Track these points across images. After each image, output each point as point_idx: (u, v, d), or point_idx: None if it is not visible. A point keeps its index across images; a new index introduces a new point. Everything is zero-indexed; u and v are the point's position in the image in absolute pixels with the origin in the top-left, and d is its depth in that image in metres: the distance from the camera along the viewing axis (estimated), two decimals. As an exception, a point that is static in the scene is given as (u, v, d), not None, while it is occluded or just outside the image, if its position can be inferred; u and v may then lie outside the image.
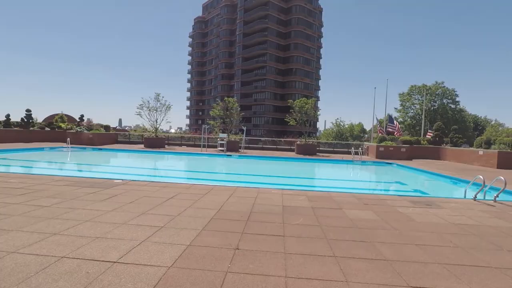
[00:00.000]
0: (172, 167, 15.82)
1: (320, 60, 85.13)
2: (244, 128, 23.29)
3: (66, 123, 27.79)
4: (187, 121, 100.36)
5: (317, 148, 23.68)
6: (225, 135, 22.75)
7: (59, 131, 25.48)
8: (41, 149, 18.59)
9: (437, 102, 58.61)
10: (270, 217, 5.02)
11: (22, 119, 25.52)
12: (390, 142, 21.50)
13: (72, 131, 23.86)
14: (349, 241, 4.02)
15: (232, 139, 23.41)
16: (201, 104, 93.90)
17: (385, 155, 20.05)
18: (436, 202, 6.80)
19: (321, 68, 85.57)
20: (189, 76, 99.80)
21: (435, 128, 24.28)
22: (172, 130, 78.54)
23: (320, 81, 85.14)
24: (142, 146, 23.46)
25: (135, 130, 36.66)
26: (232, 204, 5.82)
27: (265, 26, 68.87)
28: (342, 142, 41.36)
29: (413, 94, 58.69)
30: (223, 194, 6.68)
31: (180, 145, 26.67)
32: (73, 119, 32.86)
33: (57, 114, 30.53)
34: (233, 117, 24.84)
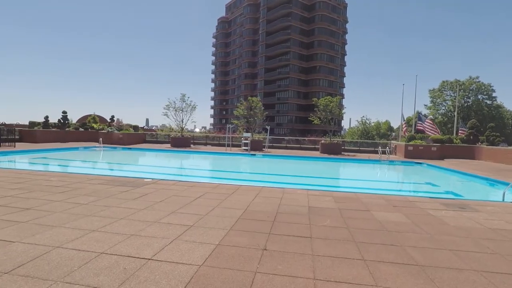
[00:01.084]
0: (198, 166, 16.19)
1: (345, 57, 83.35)
2: (268, 128, 23.32)
3: (98, 124, 29.20)
4: (211, 120, 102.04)
5: (342, 147, 23.24)
6: (249, 135, 22.92)
7: (91, 131, 26.82)
8: (76, 148, 19.68)
9: (471, 98, 55.48)
10: (297, 218, 5.03)
11: (59, 120, 27.12)
12: (419, 140, 20.66)
13: (103, 131, 25.03)
14: (378, 244, 3.95)
15: (256, 138, 23.53)
16: (224, 103, 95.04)
17: (415, 154, 19.30)
18: (471, 205, 6.49)
19: (345, 65, 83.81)
20: (213, 76, 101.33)
21: (469, 126, 23.03)
22: (197, 130, 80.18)
23: (344, 78, 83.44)
24: (169, 145, 24.15)
25: (161, 130, 37.82)
26: (258, 204, 5.89)
27: (288, 24, 68.42)
28: (368, 141, 40.28)
29: (445, 90, 55.94)
30: (249, 194, 6.76)
31: (205, 144, 27.18)
32: (104, 119, 34.47)
33: (90, 115, 32.16)
34: (256, 116, 24.95)
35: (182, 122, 24.51)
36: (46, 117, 25.93)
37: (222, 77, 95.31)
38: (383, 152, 19.28)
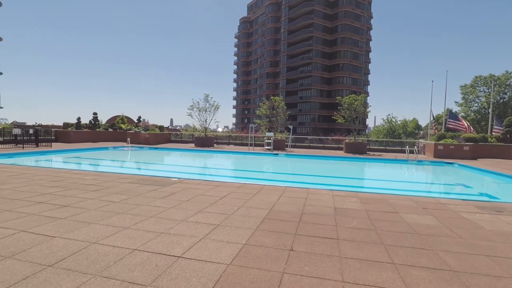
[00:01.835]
0: (222, 166, 16.40)
1: (370, 53, 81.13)
2: (291, 127, 23.20)
3: (126, 124, 30.34)
4: (233, 120, 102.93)
5: (367, 147, 22.66)
6: (271, 134, 22.91)
7: (120, 131, 27.90)
8: (106, 148, 20.58)
9: (508, 93, 52.09)
10: (322, 219, 4.99)
11: (90, 121, 28.48)
12: (450, 139, 19.72)
13: (131, 131, 25.99)
14: (408, 247, 3.84)
15: (279, 137, 23.48)
16: (246, 103, 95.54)
17: (445, 154, 18.44)
18: (509, 209, 6.14)
19: (370, 62, 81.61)
20: (235, 76, 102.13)
21: (506, 124, 21.66)
22: (220, 129, 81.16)
23: (369, 75, 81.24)
24: (193, 145, 24.65)
25: (186, 130, 38.67)
26: (282, 204, 5.89)
27: (310, 22, 67.58)
28: (395, 140, 38.99)
29: (478, 86, 52.88)
30: (273, 194, 6.78)
31: (228, 144, 27.49)
32: (131, 120, 35.74)
33: (118, 116, 33.47)
34: (279, 115, 24.89)
35: (206, 122, 24.93)
36: (79, 118, 27.29)
37: (244, 77, 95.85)
38: (411, 152, 18.59)
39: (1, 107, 28.14)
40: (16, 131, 18.83)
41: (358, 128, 22.63)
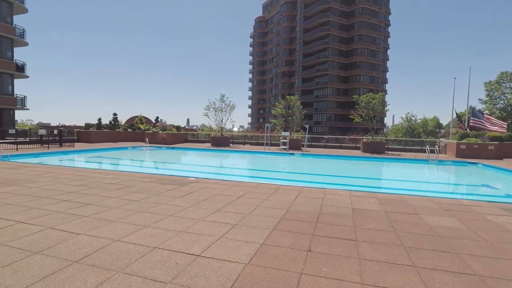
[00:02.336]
0: (238, 165, 16.50)
1: (388, 50, 79.32)
2: (307, 126, 23.03)
3: (144, 125, 31.06)
4: (249, 119, 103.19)
5: (386, 146, 22.18)
6: (287, 134, 22.83)
7: (138, 132, 28.60)
8: (126, 148, 21.14)
9: (537, 90, 49.53)
10: (340, 219, 4.94)
11: (110, 121, 29.34)
12: (474, 138, 18.99)
13: (149, 131, 26.57)
14: (429, 250, 3.74)
15: (295, 137, 23.37)
16: (262, 102, 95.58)
17: (468, 153, 17.77)
18: (538, 211, 5.85)
19: (388, 60, 79.77)
20: (250, 75, 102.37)
21: (534, 122, 20.61)
22: (235, 129, 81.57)
23: (387, 73, 79.42)
24: (209, 144, 24.93)
25: (202, 130, 39.14)
26: (299, 204, 5.87)
27: (326, 20, 66.76)
28: (414, 139, 37.94)
29: (504, 82, 50.57)
30: (289, 194, 6.77)
31: (244, 143, 27.60)
32: (149, 120, 36.53)
33: (137, 116, 34.29)
34: (295, 115, 24.76)
35: (222, 122, 25.13)
36: (99, 119, 28.17)
37: (259, 76, 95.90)
38: (432, 151, 18.05)
39: (28, 109, 29.42)
40: (42, 131, 19.65)
41: (375, 127, 22.20)
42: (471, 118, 22.46)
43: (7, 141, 17.90)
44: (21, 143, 17.86)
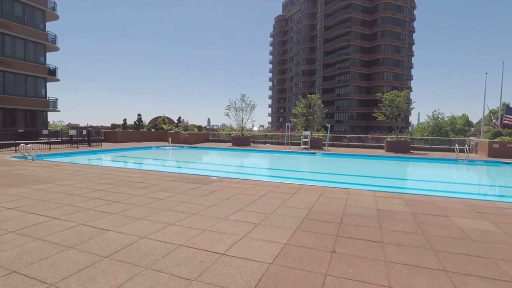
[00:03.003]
0: (259, 165, 16.53)
1: (413, 46, 76.50)
2: (328, 125, 22.68)
3: (167, 125, 31.82)
4: (269, 119, 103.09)
5: (411, 145, 21.42)
6: (308, 133, 22.60)
7: (161, 132, 29.33)
8: (150, 147, 21.76)
9: None
10: (365, 220, 4.83)
11: (134, 122, 30.29)
12: (508, 137, 17.93)
13: (172, 131, 27.19)
14: (461, 254, 3.57)
15: (316, 136, 23.10)
16: (282, 101, 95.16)
17: (501, 153, 16.80)
18: None
19: (413, 56, 76.91)
20: (270, 75, 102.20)
21: None
22: (255, 128, 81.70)
23: (412, 70, 76.63)
24: (230, 144, 25.14)
25: (223, 129, 39.54)
26: (322, 205, 5.80)
27: (348, 17, 65.36)
28: (442, 137, 36.38)
29: (541, 77, 47.36)
30: (312, 194, 6.70)
31: (264, 143, 27.61)
32: (172, 120, 37.38)
33: (160, 117, 35.18)
34: (316, 114, 24.46)
35: (242, 121, 25.27)
36: (125, 120, 29.17)
37: (279, 76, 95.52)
38: (461, 151, 17.24)
39: (59, 111, 30.96)
40: (72, 132, 20.63)
41: (400, 125, 21.48)
42: (505, 115, 21.22)
43: (41, 141, 18.93)
44: (53, 143, 18.83)
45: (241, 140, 24.51)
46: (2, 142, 17.28)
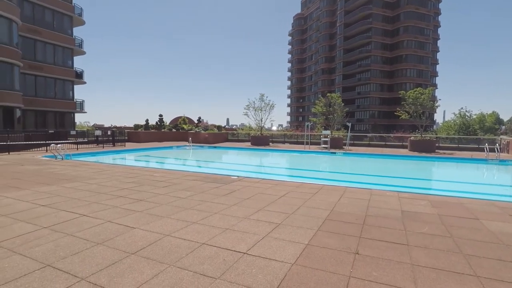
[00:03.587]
0: (279, 164, 16.49)
1: (438, 41, 73.57)
2: (349, 124, 22.25)
3: (187, 125, 32.40)
4: (288, 118, 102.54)
5: (436, 144, 20.63)
6: (328, 132, 22.30)
7: (182, 131, 29.89)
8: (171, 147, 22.24)
9: None
10: (388, 222, 4.70)
11: (156, 122, 31.05)
12: (543, 136, 16.87)
13: (192, 131, 27.65)
14: (493, 259, 3.41)
15: (336, 135, 22.75)
16: (301, 101, 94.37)
17: (536, 152, 15.84)
18: None
19: (439, 51, 73.97)
20: (289, 74, 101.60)
21: None
22: (274, 128, 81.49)
23: (437, 66, 73.74)
24: (249, 144, 25.24)
25: (242, 129, 39.74)
26: (344, 205, 5.71)
27: (368, 13, 63.78)
28: (469, 136, 34.77)
29: None
30: (333, 194, 6.61)
31: (283, 142, 27.51)
32: (192, 120, 37.99)
33: (180, 117, 35.88)
34: (336, 113, 24.07)
35: (261, 121, 25.29)
36: (147, 120, 29.97)
37: (298, 75, 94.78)
38: (491, 150, 16.41)
39: (85, 112, 32.27)
40: (98, 132, 21.45)
41: (424, 124, 20.73)
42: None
43: (69, 141, 19.81)
44: (80, 143, 19.66)
45: (260, 139, 24.54)
46: (35, 142, 18.23)
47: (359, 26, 65.48)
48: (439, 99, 27.67)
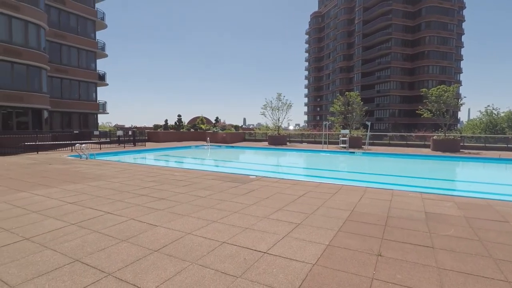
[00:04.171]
0: (297, 164, 16.40)
1: (462, 36, 70.71)
2: (369, 124, 21.78)
3: (205, 125, 32.79)
4: (305, 117, 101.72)
5: (461, 144, 19.84)
6: (347, 131, 21.93)
7: (200, 131, 30.28)
8: (189, 147, 22.58)
9: None
10: (412, 224, 4.58)
11: (175, 122, 31.62)
12: None
13: (210, 131, 27.95)
14: (526, 264, 3.25)
15: (355, 135, 22.35)
16: (319, 99, 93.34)
17: None
18: None
19: (463, 47, 71.09)
20: (306, 73, 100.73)
21: None
22: (291, 127, 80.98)
23: (462, 62, 70.87)
24: (266, 143, 25.22)
25: (259, 129, 39.79)
26: (365, 206, 5.60)
27: (388, 9, 62.16)
28: (497, 135, 33.21)
29: None
30: (353, 195, 6.50)
31: (301, 142, 27.31)
32: (209, 121, 38.41)
33: (198, 117, 36.36)
34: (355, 111, 23.63)
35: (279, 120, 25.22)
36: (166, 121, 30.56)
37: (315, 73, 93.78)
38: (521, 150, 15.59)
39: (107, 113, 33.32)
40: (119, 133, 22.11)
41: (448, 122, 19.98)
42: None
43: (93, 141, 20.53)
44: (103, 143, 20.32)
45: (278, 139, 24.47)
46: (61, 142, 19.03)
47: (378, 23, 63.95)
48: (464, 97, 26.71)
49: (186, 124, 34.60)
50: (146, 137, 25.83)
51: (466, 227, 4.45)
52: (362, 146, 21.35)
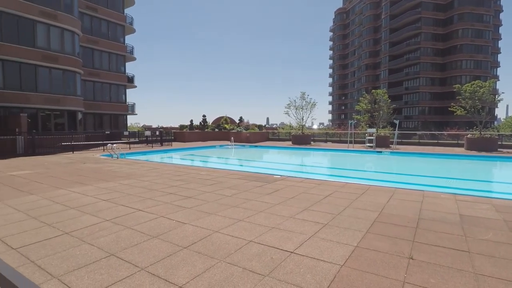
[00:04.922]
0: (322, 164, 16.20)
1: (499, 28, 66.30)
2: (397, 122, 21.05)
3: (229, 124, 33.16)
4: (329, 116, 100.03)
5: (498, 143, 18.65)
6: (373, 130, 21.32)
7: (224, 131, 30.67)
8: (214, 147, 22.95)
9: None
10: (445, 226, 4.39)
11: (200, 122, 32.25)
12: None
13: (234, 131, 28.24)
14: None
15: (382, 134, 21.68)
16: (343, 98, 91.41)
17: None
18: None
19: (501, 39, 66.64)
20: (330, 71, 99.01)
21: None
22: (315, 126, 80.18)
23: (499, 55, 66.49)
24: (290, 143, 25.09)
25: (282, 128, 39.64)
26: (394, 207, 5.44)
27: (417, 2, 59.58)
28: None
29: None
30: (381, 196, 6.32)
31: (325, 141, 26.91)
32: (233, 120, 38.78)
33: (222, 117, 36.82)
34: (382, 110, 22.92)
35: (302, 120, 24.99)
36: (191, 121, 31.24)
37: (340, 71, 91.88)
38: None
39: (136, 114, 34.60)
40: (147, 133, 22.91)
41: (484, 120, 18.84)
42: None
43: (123, 141, 21.43)
44: (132, 143, 21.16)
45: (302, 138, 24.26)
46: (94, 142, 20.03)
47: (406, 17, 61.49)
48: (502, 92, 25.02)
49: (210, 124, 35.17)
50: (172, 137, 26.57)
51: (506, 232, 4.20)
52: (390, 145, 20.67)
